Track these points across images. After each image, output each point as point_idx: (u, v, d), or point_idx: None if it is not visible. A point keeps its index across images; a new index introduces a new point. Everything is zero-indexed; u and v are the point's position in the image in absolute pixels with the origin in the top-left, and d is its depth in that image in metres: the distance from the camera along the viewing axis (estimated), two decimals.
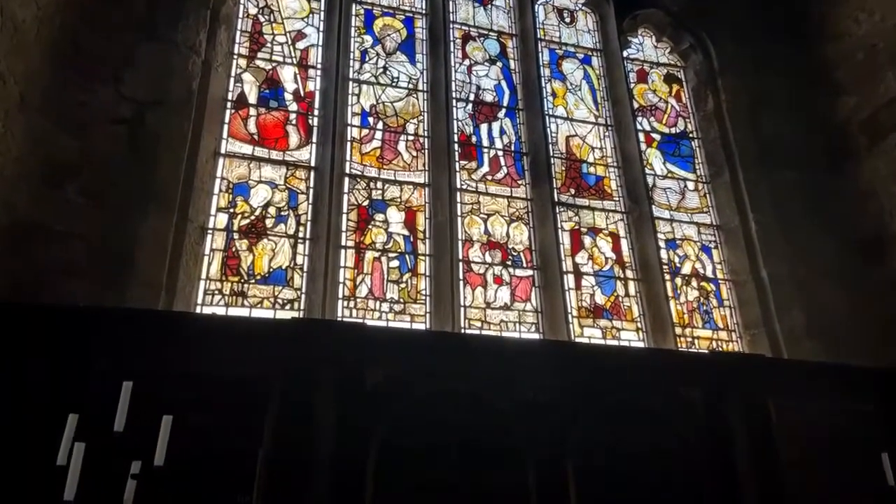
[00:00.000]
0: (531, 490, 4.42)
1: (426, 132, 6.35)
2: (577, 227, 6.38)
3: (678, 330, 6.14)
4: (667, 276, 6.32)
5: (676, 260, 6.56)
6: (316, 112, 6.07)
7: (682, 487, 4.67)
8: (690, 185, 7.03)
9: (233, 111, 5.82)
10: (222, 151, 5.62)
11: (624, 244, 6.45)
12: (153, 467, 2.89)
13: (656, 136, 7.15)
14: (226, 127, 5.71)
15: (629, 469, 4.60)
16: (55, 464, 2.79)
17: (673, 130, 7.28)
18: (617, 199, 6.66)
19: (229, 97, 5.85)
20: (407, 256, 5.78)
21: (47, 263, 4.39)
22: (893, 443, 4.88)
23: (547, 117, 6.74)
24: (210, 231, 5.30)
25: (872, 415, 5.25)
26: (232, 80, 5.92)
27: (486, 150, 6.50)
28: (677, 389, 4.91)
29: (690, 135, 7.30)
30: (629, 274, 6.33)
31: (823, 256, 6.37)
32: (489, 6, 7.23)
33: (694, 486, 4.70)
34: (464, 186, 6.22)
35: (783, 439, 4.94)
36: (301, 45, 6.36)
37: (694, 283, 6.50)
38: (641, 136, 6.99)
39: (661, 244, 6.49)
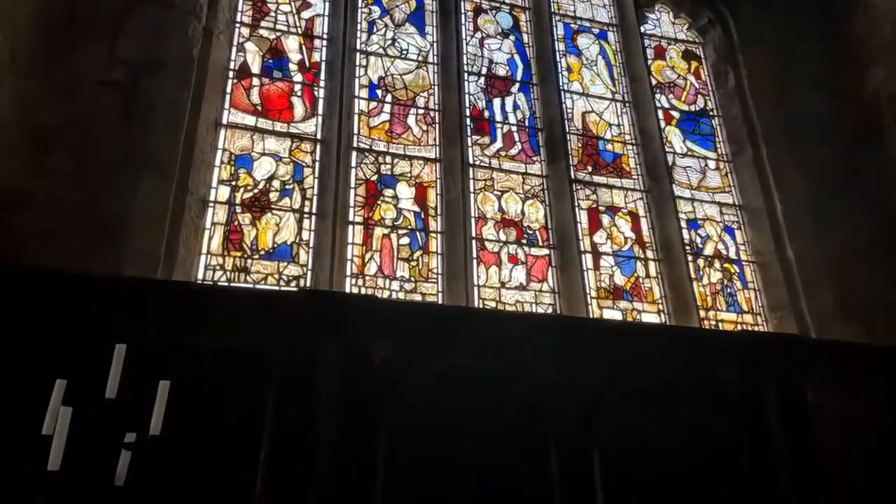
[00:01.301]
0: (554, 474, 4.13)
1: (437, 106, 6.08)
2: (594, 206, 6.10)
3: (701, 313, 5.86)
4: (689, 257, 6.04)
5: (698, 241, 6.28)
6: (322, 83, 5.80)
7: (716, 472, 4.39)
8: (711, 164, 6.75)
9: (235, 81, 5.55)
10: (224, 122, 5.35)
11: (644, 224, 6.17)
12: (148, 437, 2.61)
13: (675, 114, 6.88)
14: (228, 97, 5.44)
15: (658, 453, 4.32)
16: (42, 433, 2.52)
17: (692, 108, 7.00)
18: (636, 177, 6.38)
19: (231, 66, 5.58)
20: (418, 233, 5.50)
21: (35, 232, 4.10)
22: None
23: (562, 92, 6.47)
24: (211, 204, 5.03)
25: None
26: (234, 48, 5.66)
27: (499, 125, 6.22)
28: (710, 370, 4.62)
29: (710, 113, 7.02)
30: (649, 254, 6.04)
31: (853, 234, 6.07)
32: None
33: (727, 470, 4.41)
34: (476, 162, 5.95)
35: (819, 421, 4.66)
36: (306, 14, 6.10)
37: (717, 264, 6.22)
38: (660, 114, 6.72)
39: (682, 224, 6.22)
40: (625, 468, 4.26)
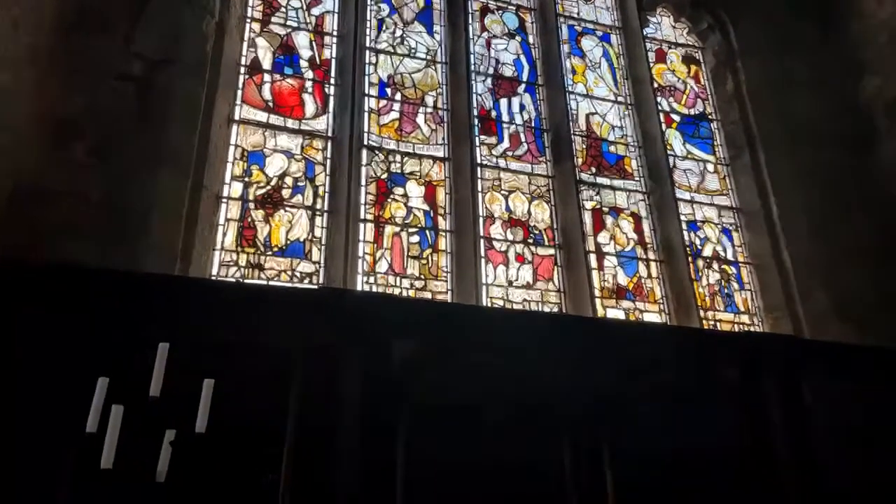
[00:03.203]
0: (567, 470, 4.23)
1: (445, 105, 6.13)
2: (598, 207, 6.21)
3: (700, 313, 6.00)
4: (689, 259, 6.17)
5: (697, 242, 6.42)
6: (332, 80, 5.82)
7: (720, 469, 4.52)
8: (710, 167, 6.89)
9: (247, 76, 5.55)
10: (236, 118, 5.35)
11: (645, 225, 6.29)
12: (195, 434, 2.65)
13: (676, 117, 7.01)
14: (240, 92, 5.45)
15: (665, 450, 4.43)
16: (84, 430, 2.54)
17: (692, 111, 7.13)
18: (638, 178, 6.50)
19: (243, 62, 5.58)
20: (427, 232, 5.57)
21: (55, 226, 4.09)
22: None
23: (567, 94, 6.56)
24: (225, 200, 5.04)
25: None
26: (245, 44, 5.65)
27: (505, 125, 6.30)
28: (713, 369, 4.75)
29: (709, 116, 7.16)
30: (651, 255, 6.17)
31: (848, 238, 6.25)
32: None
33: (732, 464, 4.55)
34: (484, 162, 6.02)
35: (818, 419, 4.82)
36: (316, 10, 6.11)
37: (715, 265, 6.37)
38: (661, 117, 6.83)
39: (683, 226, 6.35)
40: (633, 462, 4.36)
